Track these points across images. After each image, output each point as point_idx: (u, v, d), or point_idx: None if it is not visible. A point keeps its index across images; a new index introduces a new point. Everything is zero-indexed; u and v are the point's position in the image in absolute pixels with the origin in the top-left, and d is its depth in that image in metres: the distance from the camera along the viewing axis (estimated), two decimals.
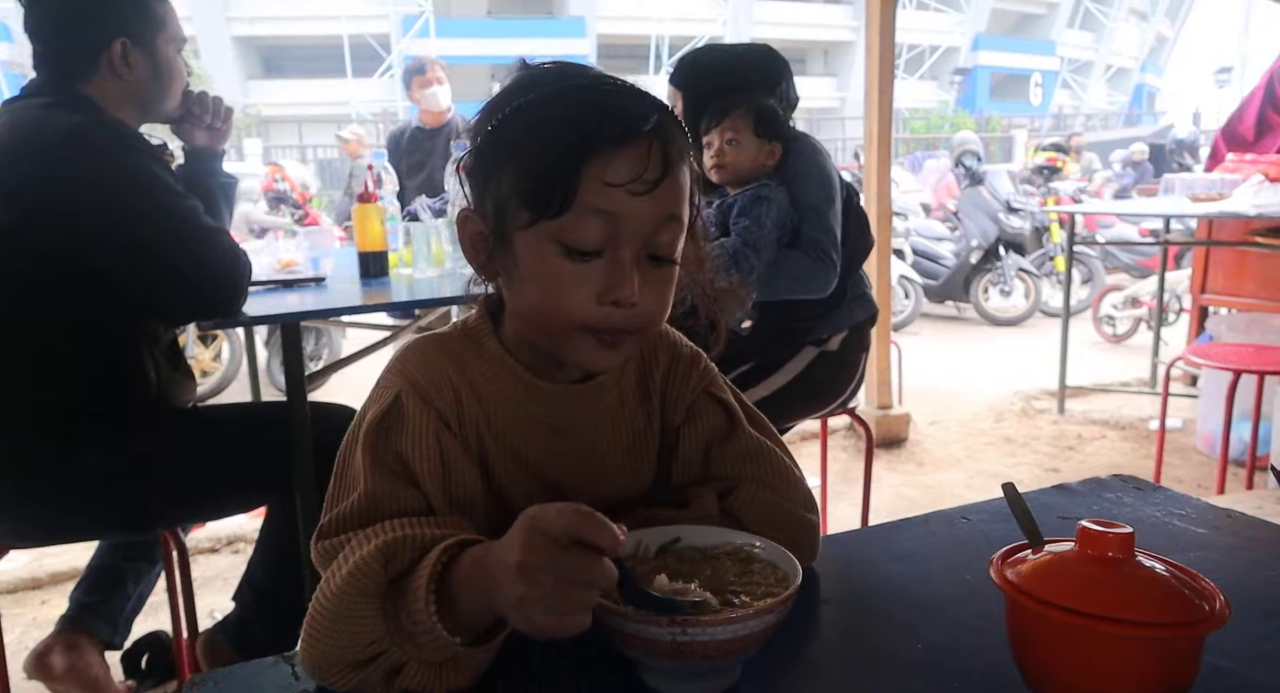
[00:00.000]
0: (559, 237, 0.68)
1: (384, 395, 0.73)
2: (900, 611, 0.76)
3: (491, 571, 0.57)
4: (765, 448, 0.81)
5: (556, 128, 0.67)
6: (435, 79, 3.83)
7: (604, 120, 0.67)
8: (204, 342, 4.76)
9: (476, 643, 0.61)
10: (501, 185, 0.70)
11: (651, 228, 0.69)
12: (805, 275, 1.94)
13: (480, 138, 0.72)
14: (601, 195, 0.66)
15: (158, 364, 1.62)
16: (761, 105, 1.98)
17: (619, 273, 0.68)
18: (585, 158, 0.66)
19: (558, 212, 0.67)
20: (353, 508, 0.68)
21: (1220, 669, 0.62)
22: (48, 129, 1.46)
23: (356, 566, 0.62)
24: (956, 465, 3.47)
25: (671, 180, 0.68)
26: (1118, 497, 0.95)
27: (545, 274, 0.69)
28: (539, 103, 0.69)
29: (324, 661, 0.63)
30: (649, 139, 0.67)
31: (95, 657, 1.81)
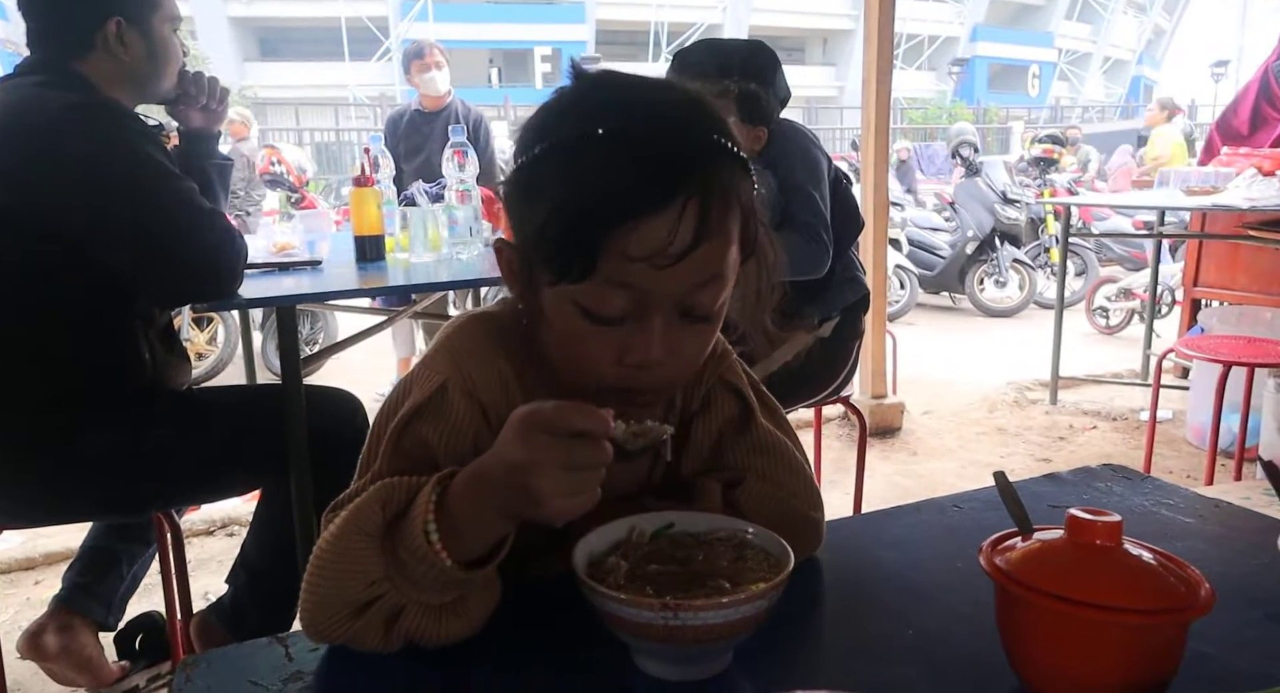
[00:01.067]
0: (579, 301, 0.65)
1: (429, 381, 0.71)
2: (891, 597, 0.76)
3: (490, 478, 0.60)
4: (778, 443, 0.80)
5: (578, 190, 0.62)
6: (434, 63, 3.81)
7: (630, 187, 0.60)
8: (199, 325, 4.75)
9: (473, 568, 0.62)
10: (526, 233, 0.67)
11: (683, 294, 0.64)
12: (798, 256, 1.94)
13: (517, 166, 0.67)
14: (622, 269, 0.62)
15: (153, 346, 1.62)
16: (745, 90, 1.97)
17: (643, 338, 0.65)
18: (605, 230, 0.61)
19: (578, 280, 0.63)
20: (364, 486, 0.68)
21: (1204, 656, 0.63)
22: (42, 108, 1.45)
23: (355, 507, 0.64)
24: (949, 455, 3.49)
25: (709, 244, 0.62)
26: (1107, 486, 0.96)
27: (567, 332, 0.67)
28: (568, 151, 0.63)
29: (323, 607, 0.63)
30: (684, 202, 0.61)
31: (89, 637, 1.82)
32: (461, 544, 0.61)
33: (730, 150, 0.65)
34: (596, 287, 0.63)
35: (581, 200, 0.61)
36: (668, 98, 0.66)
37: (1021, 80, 28.40)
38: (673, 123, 0.64)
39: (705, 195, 0.62)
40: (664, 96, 0.66)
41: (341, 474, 0.74)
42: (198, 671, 0.65)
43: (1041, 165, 7.83)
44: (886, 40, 3.52)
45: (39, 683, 1.90)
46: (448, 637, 0.64)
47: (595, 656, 0.65)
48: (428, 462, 0.69)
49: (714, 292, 0.66)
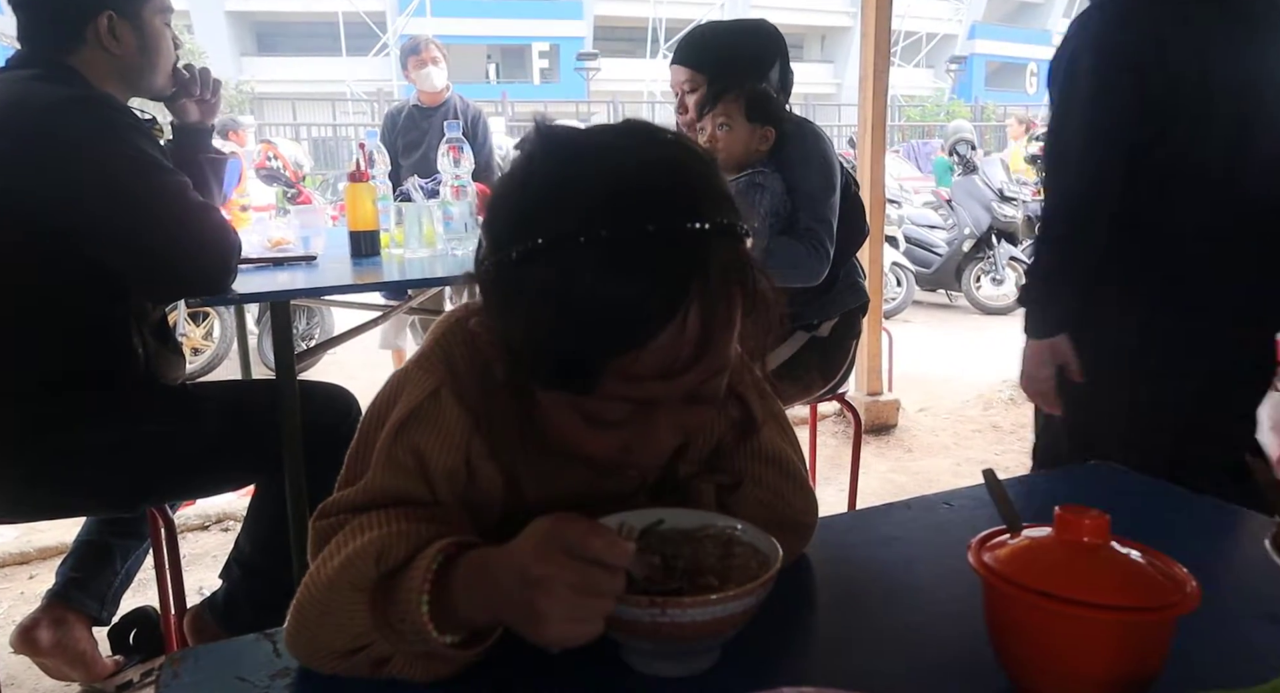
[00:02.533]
0: (580, 409, 0.62)
1: (422, 385, 0.69)
2: (881, 594, 0.76)
3: (498, 579, 0.57)
4: (778, 451, 0.79)
5: (575, 315, 0.57)
6: (431, 59, 3.80)
7: (632, 315, 0.56)
8: (195, 320, 4.74)
9: (466, 645, 0.61)
10: (513, 336, 0.62)
11: (686, 391, 0.62)
12: (798, 263, 1.93)
13: (495, 259, 0.61)
14: (627, 387, 0.59)
15: (146, 340, 1.62)
16: (754, 89, 1.96)
17: (648, 437, 0.63)
18: (609, 355, 0.57)
19: (577, 393, 0.61)
20: (355, 495, 0.67)
21: (1191, 653, 0.63)
22: (33, 102, 1.45)
23: (349, 558, 0.61)
24: (944, 452, 3.49)
25: (713, 348, 0.59)
26: (1094, 483, 0.96)
27: (565, 429, 0.65)
28: (557, 258, 0.57)
29: (310, 648, 0.63)
30: (685, 314, 0.57)
31: (82, 631, 1.81)
32: (455, 623, 0.60)
33: (725, 227, 0.59)
34: (598, 401, 0.61)
35: (576, 326, 0.57)
36: (648, 182, 0.58)
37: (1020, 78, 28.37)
38: (665, 214, 0.57)
39: (708, 297, 0.57)
40: (649, 177, 0.59)
41: (336, 470, 0.73)
42: (185, 666, 0.65)
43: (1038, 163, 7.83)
44: (884, 37, 3.52)
45: (33, 678, 1.90)
46: (435, 678, 0.63)
47: (584, 652, 0.65)
48: (420, 474, 0.68)
49: (720, 378, 0.64)
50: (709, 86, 2.02)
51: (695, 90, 2.06)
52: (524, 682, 0.63)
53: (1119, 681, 0.56)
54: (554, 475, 0.75)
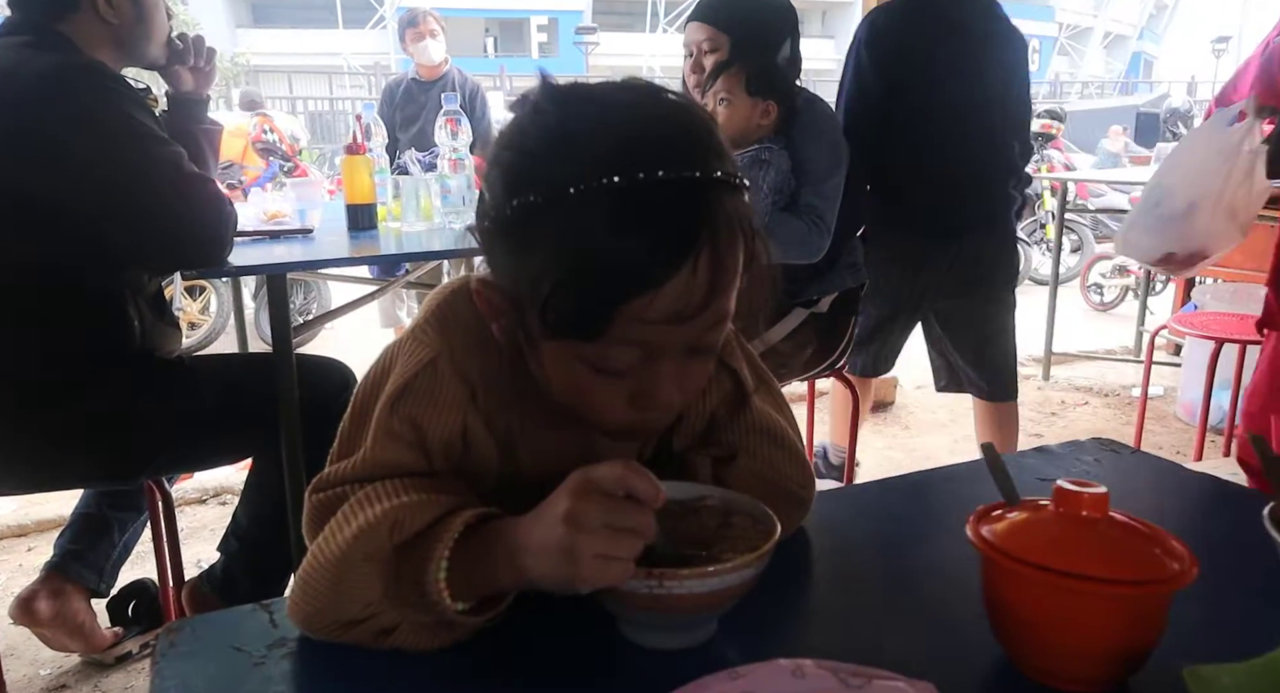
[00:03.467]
0: (587, 357, 0.62)
1: (418, 354, 0.68)
2: (878, 568, 0.77)
3: (526, 534, 0.58)
4: (772, 423, 0.79)
5: (586, 260, 0.57)
6: (429, 31, 3.76)
7: (644, 257, 0.57)
8: (192, 294, 4.72)
9: (476, 611, 0.61)
10: (521, 287, 0.61)
11: (693, 337, 0.62)
12: (797, 240, 1.92)
13: (496, 211, 0.61)
14: (637, 330, 0.59)
15: (142, 313, 1.61)
16: (755, 62, 1.94)
17: (654, 384, 0.63)
18: (619, 299, 0.58)
19: (586, 340, 0.61)
20: (353, 468, 0.67)
21: (1187, 627, 0.63)
22: (24, 70, 1.43)
23: (361, 529, 0.61)
24: (942, 430, 3.50)
25: (721, 294, 0.60)
26: (1095, 459, 0.96)
27: (573, 385, 0.64)
28: (567, 205, 0.57)
29: (314, 616, 0.63)
30: (696, 259, 0.57)
31: (81, 603, 1.82)
32: (467, 590, 0.60)
33: (729, 178, 0.60)
34: (606, 346, 0.61)
35: (590, 271, 0.57)
36: (655, 132, 0.59)
37: None
38: (671, 166, 0.57)
39: (716, 245, 0.58)
40: (651, 132, 0.59)
41: (332, 444, 0.72)
42: (181, 636, 0.65)
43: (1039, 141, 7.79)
44: None
45: (32, 648, 1.91)
46: (440, 647, 0.63)
47: (580, 624, 0.65)
48: (418, 446, 0.68)
49: (723, 328, 0.64)
50: (731, 52, 1.99)
51: (715, 50, 2.02)
52: (523, 653, 0.63)
53: (1115, 654, 0.56)
54: (551, 449, 0.75)
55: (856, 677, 0.50)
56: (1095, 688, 0.57)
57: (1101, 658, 0.56)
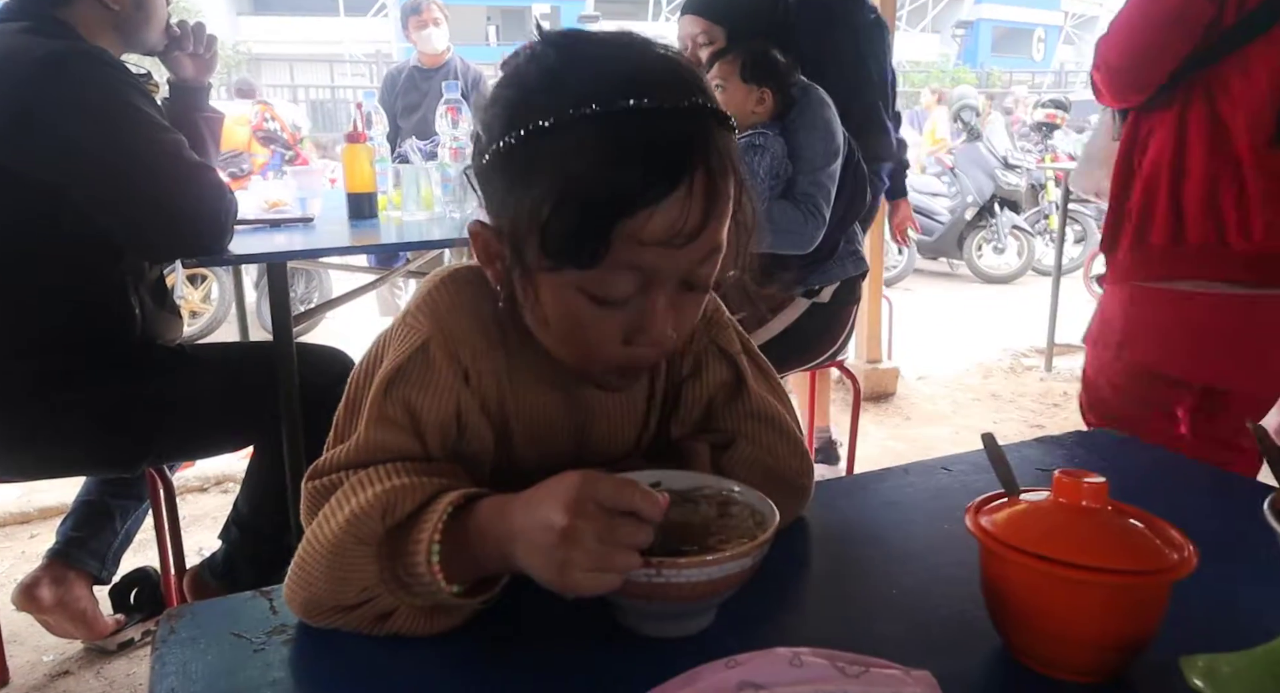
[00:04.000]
0: (585, 287, 0.63)
1: (410, 339, 0.69)
2: (877, 557, 0.77)
3: (519, 527, 0.58)
4: (770, 409, 0.79)
5: (585, 178, 0.59)
6: (432, 19, 3.74)
7: (641, 174, 0.58)
8: (193, 283, 4.72)
9: (471, 593, 0.61)
10: (520, 218, 0.62)
11: (687, 268, 0.64)
12: (792, 229, 1.92)
13: (495, 147, 0.63)
14: (635, 253, 0.60)
15: (143, 301, 1.61)
16: (753, 49, 1.93)
17: (650, 317, 0.64)
18: (618, 218, 0.59)
19: (586, 267, 0.61)
20: (347, 454, 0.67)
21: (1188, 617, 0.63)
22: (24, 55, 1.42)
23: (354, 513, 0.61)
24: (943, 420, 3.50)
25: (714, 220, 0.62)
26: (1097, 449, 0.96)
27: (570, 318, 0.65)
28: (565, 134, 0.59)
29: (312, 603, 0.63)
30: (690, 181, 0.59)
31: (83, 590, 1.83)
32: (461, 571, 0.60)
33: (719, 113, 0.63)
34: (605, 273, 0.62)
35: (590, 191, 0.59)
36: (650, 66, 0.62)
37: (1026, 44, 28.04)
38: (666, 95, 0.60)
39: (709, 170, 0.60)
40: (646, 65, 0.62)
41: None
42: (182, 621, 0.65)
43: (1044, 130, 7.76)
44: (889, 1, 3.46)
45: (35, 635, 1.92)
46: (438, 632, 0.63)
47: (578, 612, 0.65)
48: (412, 429, 0.68)
49: (715, 261, 0.65)
50: (727, 42, 1.99)
51: (711, 42, 2.02)
52: (520, 641, 0.63)
53: (1114, 644, 0.56)
54: (544, 420, 0.76)
55: (854, 665, 0.50)
56: (1094, 677, 0.57)
57: (1100, 647, 0.56)
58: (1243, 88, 1.38)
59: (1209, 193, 1.41)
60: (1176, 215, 1.44)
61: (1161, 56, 1.44)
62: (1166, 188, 1.45)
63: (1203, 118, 1.42)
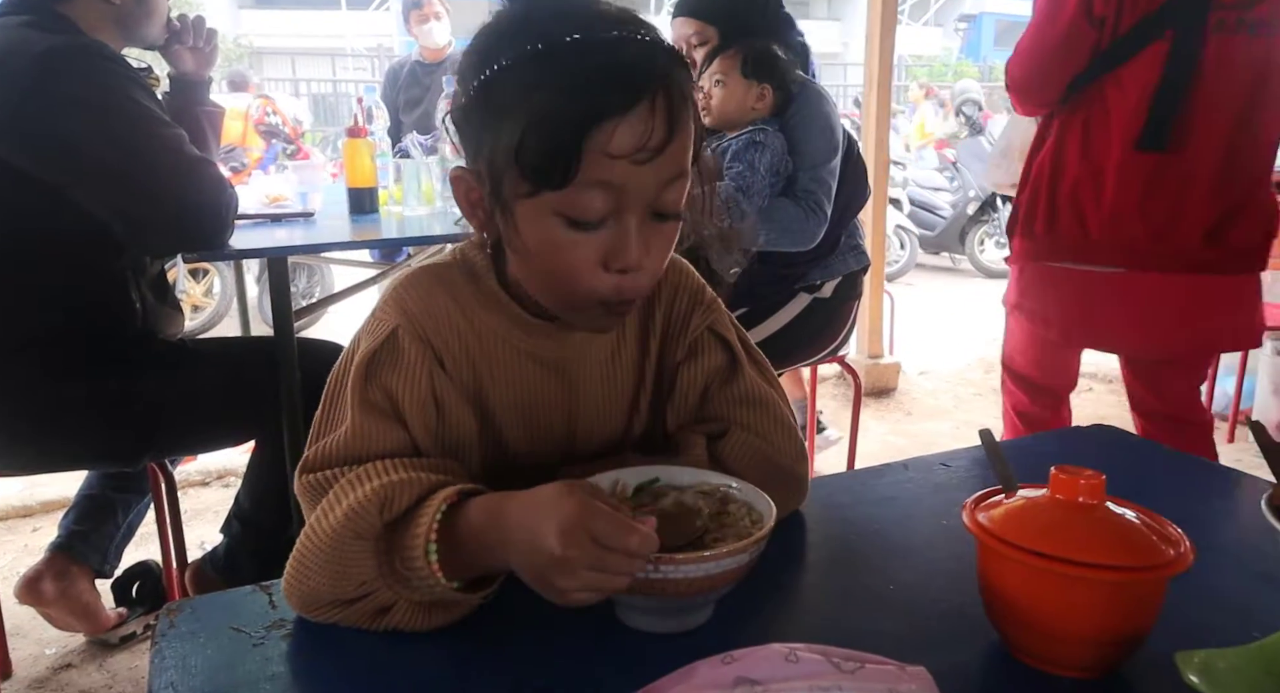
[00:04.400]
0: (561, 209, 0.65)
1: (379, 329, 0.72)
2: (875, 553, 0.77)
3: (513, 539, 0.59)
4: (764, 395, 0.80)
5: (554, 97, 0.62)
6: (433, 14, 3.73)
7: (606, 88, 0.62)
8: (195, 277, 4.72)
9: (470, 587, 0.62)
10: (497, 151, 0.65)
11: (656, 191, 0.66)
12: (794, 227, 1.92)
13: (471, 90, 0.67)
14: (604, 168, 0.63)
15: (144, 295, 1.61)
16: (754, 45, 1.92)
17: (623, 240, 0.66)
18: (586, 131, 0.62)
19: (560, 186, 0.64)
20: (338, 444, 0.68)
21: (1183, 612, 0.63)
22: (25, 49, 1.42)
23: (352, 508, 0.62)
24: (944, 415, 3.50)
25: (677, 140, 0.65)
26: (1095, 446, 0.96)
27: (549, 246, 0.67)
28: (534, 62, 0.63)
29: (311, 597, 0.64)
30: (652, 99, 0.63)
31: (85, 583, 1.83)
32: (459, 568, 0.61)
33: (675, 52, 0.67)
34: (576, 191, 0.64)
35: (560, 106, 0.62)
36: (607, 9, 0.67)
37: None
38: (624, 29, 0.65)
39: (668, 93, 0.64)
40: (604, 8, 0.67)
41: None
42: (182, 616, 0.66)
43: None
44: None
45: (38, 628, 1.92)
46: (436, 627, 0.64)
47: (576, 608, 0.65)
48: (395, 415, 0.70)
49: (681, 188, 0.68)
50: (721, 41, 1.98)
51: (705, 43, 2.02)
52: (520, 639, 0.64)
53: (1110, 639, 0.56)
54: (532, 413, 0.77)
55: (850, 661, 0.50)
56: (1090, 673, 0.58)
57: (1097, 643, 0.56)
58: (1117, 101, 1.64)
59: (1075, 192, 1.69)
60: (1052, 209, 1.74)
61: (1056, 77, 1.69)
62: (1047, 187, 1.74)
63: (1080, 127, 1.69)
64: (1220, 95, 1.59)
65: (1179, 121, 1.59)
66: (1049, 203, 1.73)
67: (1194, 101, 1.58)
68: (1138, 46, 1.59)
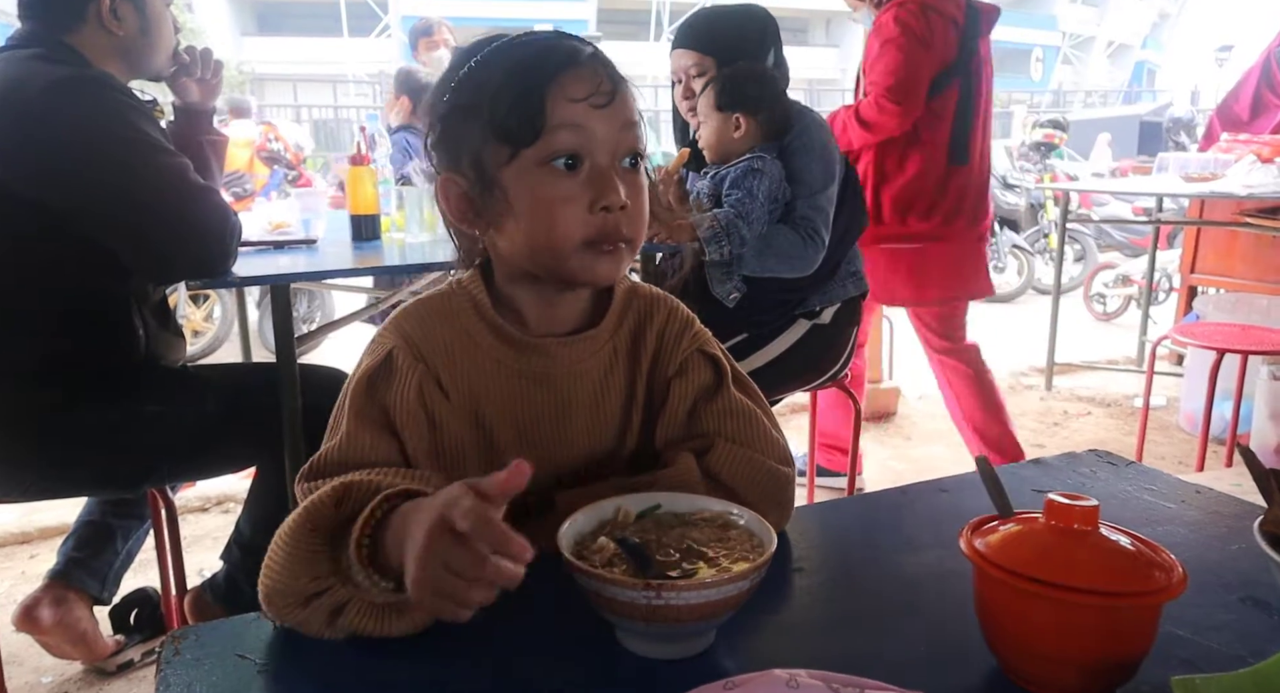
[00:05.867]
0: (541, 158, 0.74)
1: (378, 350, 0.78)
2: (874, 578, 0.77)
3: (410, 533, 0.58)
4: (745, 408, 0.84)
5: (513, 69, 0.74)
6: (442, 41, 3.79)
7: (555, 50, 0.75)
8: (196, 302, 4.74)
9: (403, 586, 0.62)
10: (474, 137, 0.75)
11: (618, 135, 0.76)
12: (793, 253, 1.93)
13: (440, 111, 0.78)
14: (568, 111, 0.73)
15: (147, 322, 1.62)
16: (722, 76, 1.95)
17: (603, 180, 0.75)
18: (545, 84, 0.73)
19: (534, 137, 0.73)
20: (333, 451, 0.73)
21: (1178, 637, 0.64)
22: (33, 81, 1.44)
23: (312, 502, 0.66)
24: (944, 439, 3.49)
25: (623, 94, 0.76)
26: (1092, 471, 0.97)
27: (538, 198, 0.75)
28: (487, 60, 0.76)
29: (276, 593, 0.65)
30: (592, 63, 0.75)
31: (83, 611, 1.83)
32: (387, 567, 0.62)
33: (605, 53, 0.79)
34: (549, 136, 0.73)
35: (521, 70, 0.74)
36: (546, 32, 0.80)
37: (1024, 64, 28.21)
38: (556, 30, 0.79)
39: (605, 64, 0.77)
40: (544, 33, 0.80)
41: None
42: (186, 643, 0.66)
43: (1042, 150, 7.80)
44: None
45: (34, 656, 1.92)
46: (390, 634, 0.65)
47: (579, 633, 0.66)
48: (388, 428, 0.76)
49: (637, 134, 0.77)
50: (718, 71, 2.01)
51: (703, 74, 2.05)
52: (521, 662, 0.64)
53: (1105, 664, 0.57)
54: (526, 424, 0.81)
55: (850, 687, 0.50)
56: None
57: (1092, 668, 0.57)
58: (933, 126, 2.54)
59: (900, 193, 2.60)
60: (878, 207, 2.60)
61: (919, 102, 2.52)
62: (872, 188, 2.60)
63: (907, 143, 2.57)
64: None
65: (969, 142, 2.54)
66: (874, 203, 2.57)
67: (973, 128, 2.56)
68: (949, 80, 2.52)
